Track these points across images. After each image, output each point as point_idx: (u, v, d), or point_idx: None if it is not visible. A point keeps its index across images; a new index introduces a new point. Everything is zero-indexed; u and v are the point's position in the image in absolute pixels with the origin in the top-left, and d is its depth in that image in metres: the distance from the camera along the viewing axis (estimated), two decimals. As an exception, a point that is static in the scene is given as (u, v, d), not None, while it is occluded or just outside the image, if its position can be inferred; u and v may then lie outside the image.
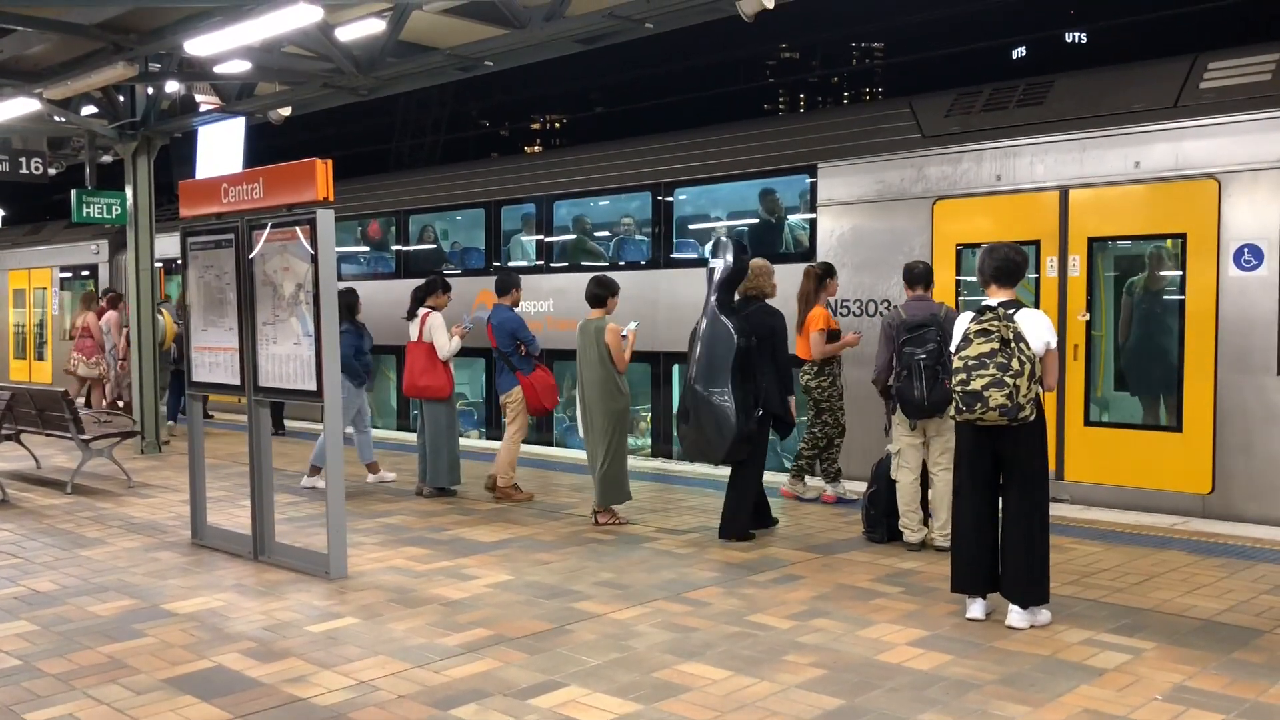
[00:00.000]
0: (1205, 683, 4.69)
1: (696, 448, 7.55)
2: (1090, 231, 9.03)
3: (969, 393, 5.29)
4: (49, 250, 21.98)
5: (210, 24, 9.11)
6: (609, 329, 8.02)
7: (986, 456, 5.56)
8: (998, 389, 5.23)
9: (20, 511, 8.93)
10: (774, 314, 7.62)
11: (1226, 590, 6.16)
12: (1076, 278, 9.08)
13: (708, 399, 7.35)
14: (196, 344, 7.62)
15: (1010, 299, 5.57)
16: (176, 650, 5.26)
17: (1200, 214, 8.44)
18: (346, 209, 16.03)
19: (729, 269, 7.43)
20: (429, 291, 9.46)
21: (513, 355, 9.06)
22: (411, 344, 9.39)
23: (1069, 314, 9.08)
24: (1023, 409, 5.28)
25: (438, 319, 9.30)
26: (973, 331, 5.40)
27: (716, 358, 7.34)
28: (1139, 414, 9.11)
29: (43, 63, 11.30)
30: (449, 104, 49.79)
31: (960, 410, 5.37)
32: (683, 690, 4.65)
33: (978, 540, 5.59)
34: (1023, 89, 10.00)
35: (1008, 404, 5.24)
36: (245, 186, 6.98)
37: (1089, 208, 9.03)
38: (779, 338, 7.52)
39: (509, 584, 6.44)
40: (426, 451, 9.34)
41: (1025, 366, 5.27)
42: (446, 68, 10.62)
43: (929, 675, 4.80)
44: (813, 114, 19.84)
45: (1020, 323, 5.42)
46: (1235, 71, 8.72)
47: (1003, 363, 5.25)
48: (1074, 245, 9.09)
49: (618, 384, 8.05)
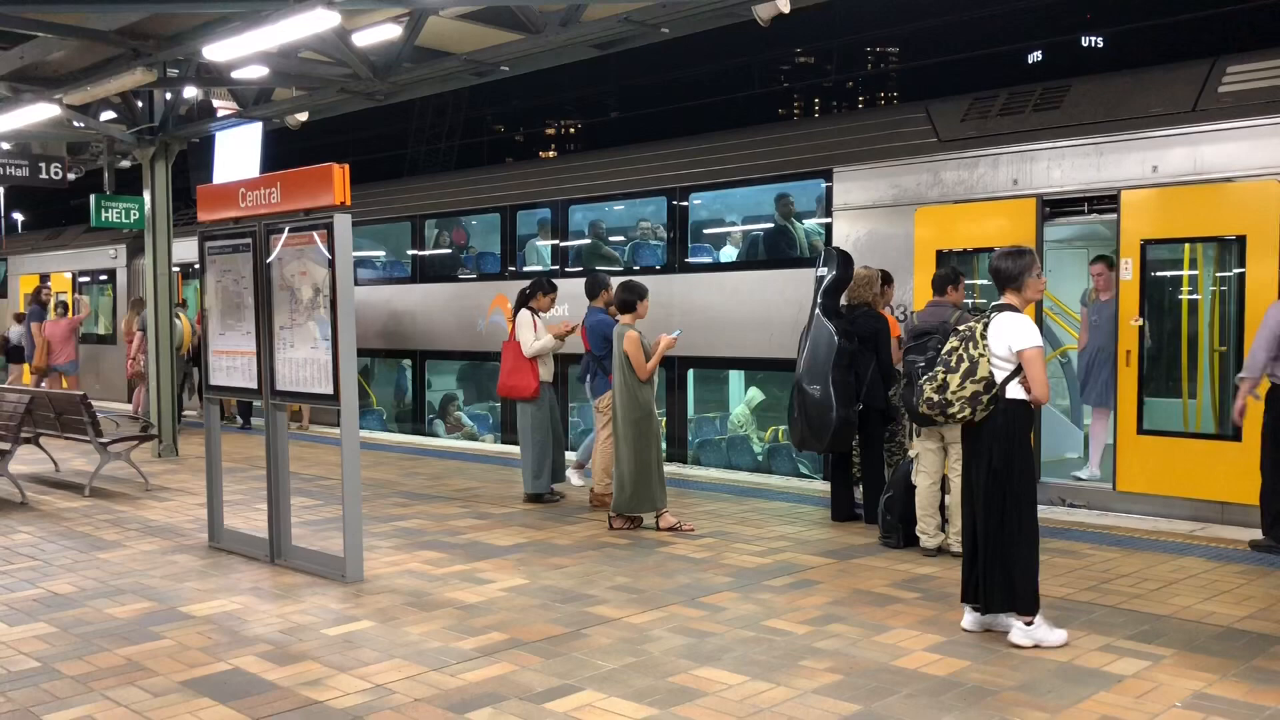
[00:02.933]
0: (1225, 690, 4.66)
1: (801, 438, 8.18)
2: (1144, 234, 8.77)
3: (918, 388, 5.52)
4: (68, 255, 22.14)
5: (228, 29, 9.15)
6: (627, 336, 7.96)
7: (969, 456, 5.55)
8: (929, 382, 5.37)
9: (39, 514, 8.99)
10: (878, 318, 8.16)
11: (1246, 597, 6.12)
12: (1129, 281, 8.82)
13: (811, 394, 7.96)
14: (214, 348, 7.65)
15: (1005, 303, 5.41)
16: (194, 653, 5.29)
17: (1262, 215, 8.17)
18: (362, 214, 16.10)
19: (833, 277, 8.05)
20: (532, 293, 9.32)
21: (606, 358, 8.75)
22: (506, 343, 9.27)
23: (1121, 318, 8.89)
24: (951, 405, 5.26)
25: (525, 317, 9.11)
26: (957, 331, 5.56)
27: (819, 357, 7.96)
28: (1196, 422, 8.79)
29: (62, 68, 11.37)
30: (464, 109, 49.89)
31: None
32: (699, 695, 4.64)
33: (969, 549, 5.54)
34: (1040, 93, 9.97)
35: (934, 397, 5.31)
36: (263, 191, 7.01)
37: (1142, 209, 8.78)
38: (882, 339, 8.07)
39: (524, 588, 6.44)
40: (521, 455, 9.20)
41: (963, 365, 5.28)
42: (462, 73, 10.65)
43: (946, 681, 4.79)
44: (828, 118, 19.80)
45: (994, 324, 5.31)
46: (1253, 75, 8.69)
47: (950, 362, 5.33)
48: (1126, 248, 8.86)
49: (636, 393, 7.97)
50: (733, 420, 13.13)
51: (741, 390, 13.28)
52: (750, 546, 7.49)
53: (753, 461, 12.30)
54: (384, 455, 12.28)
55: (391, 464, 11.59)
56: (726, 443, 12.78)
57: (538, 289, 9.36)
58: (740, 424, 13.09)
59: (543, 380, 9.12)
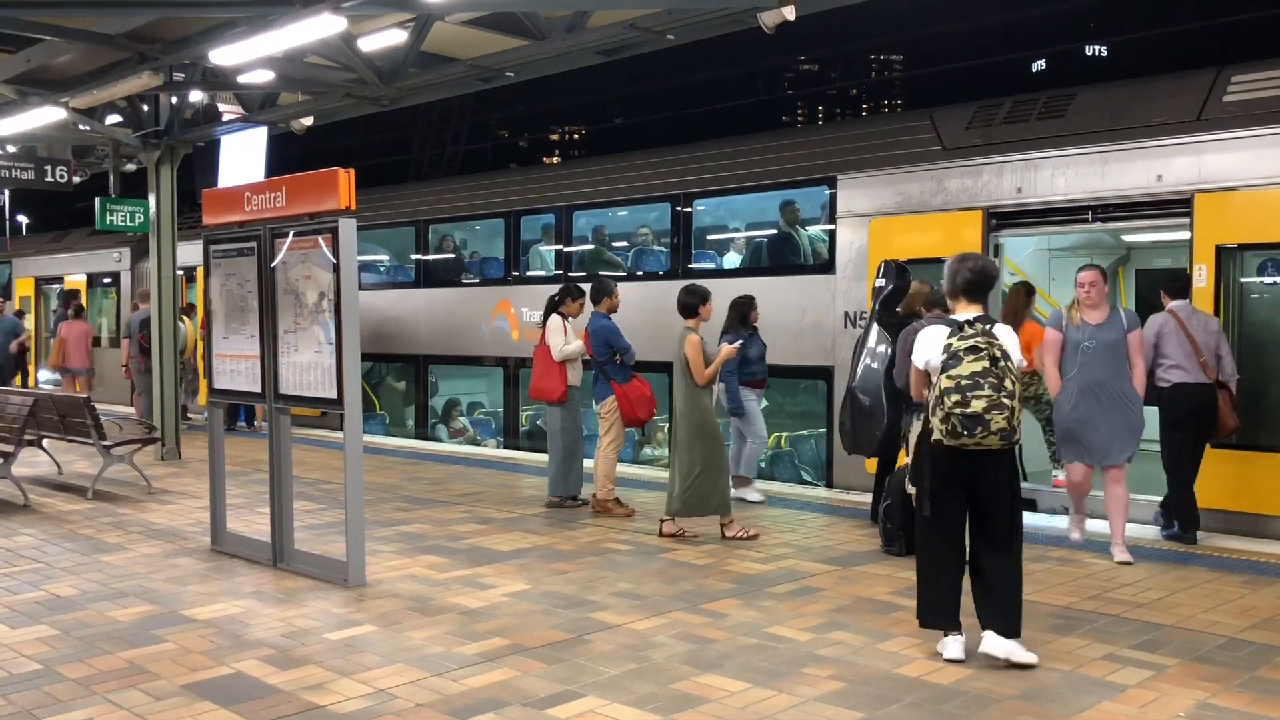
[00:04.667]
0: (1228, 700, 4.64)
1: (853, 440, 8.36)
2: (1219, 239, 8.41)
3: (969, 415, 4.85)
4: (72, 258, 22.19)
5: (234, 34, 9.18)
6: (689, 340, 7.87)
7: (962, 485, 5.12)
8: (998, 411, 4.85)
9: (42, 517, 8.99)
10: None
11: (1250, 607, 6.10)
12: (1202, 288, 8.50)
13: (862, 401, 8.18)
14: (218, 351, 7.66)
15: (983, 314, 5.19)
16: (196, 656, 5.28)
17: None
18: (366, 218, 16.13)
19: (891, 288, 8.28)
20: (562, 298, 9.29)
21: (608, 364, 8.80)
22: (537, 347, 9.28)
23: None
24: (1015, 432, 4.93)
25: (555, 322, 9.12)
26: (961, 349, 4.98)
27: (872, 366, 8.18)
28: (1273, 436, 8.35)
29: (68, 72, 11.41)
30: (469, 114, 50.01)
31: (957, 434, 4.90)
32: (701, 702, 4.63)
33: (958, 571, 5.19)
34: (1044, 101, 9.97)
35: (1008, 428, 4.88)
36: (268, 195, 7.02)
37: (1220, 212, 8.43)
38: None
39: (527, 593, 6.44)
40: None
41: (1016, 387, 4.95)
42: (468, 78, 10.67)
43: (948, 689, 4.78)
44: (833, 125, 19.86)
45: (1000, 339, 5.05)
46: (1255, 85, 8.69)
47: (995, 383, 4.89)
48: (1200, 254, 8.51)
49: (695, 398, 7.89)
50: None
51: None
52: (753, 553, 7.48)
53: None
54: (386, 460, 12.28)
55: (394, 468, 11.60)
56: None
57: (567, 294, 9.32)
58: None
59: (571, 385, 9.12)
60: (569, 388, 9.10)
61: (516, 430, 14.56)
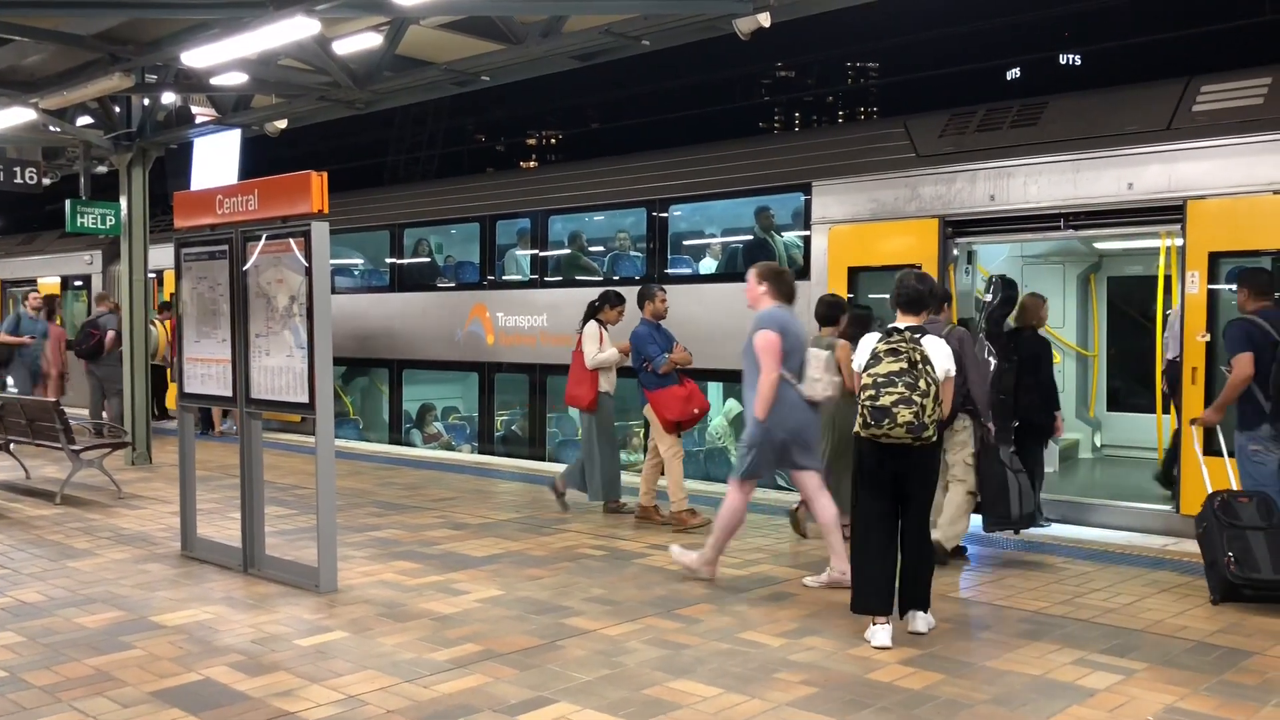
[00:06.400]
0: (1197, 704, 4.68)
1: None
2: (1211, 246, 8.50)
3: (878, 408, 5.45)
4: (43, 260, 21.95)
5: (208, 36, 9.12)
6: (840, 345, 7.67)
7: (888, 477, 5.64)
8: (905, 406, 5.42)
9: (9, 522, 8.88)
10: (1042, 341, 8.55)
11: (1218, 611, 6.16)
12: (1195, 295, 8.59)
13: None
14: (189, 355, 7.60)
15: (917, 325, 5.82)
16: (164, 663, 5.23)
17: None
18: (340, 222, 16.05)
19: (999, 299, 8.24)
20: (601, 305, 9.18)
21: (640, 372, 8.71)
22: (575, 353, 9.20)
23: (1187, 333, 8.64)
24: (927, 428, 5.47)
25: (591, 328, 9.04)
26: (882, 350, 5.58)
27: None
28: None
29: (39, 72, 11.30)
30: (444, 119, 49.88)
31: (867, 425, 5.50)
32: (673, 708, 4.63)
33: (885, 560, 5.64)
34: (1017, 110, 10.05)
35: (914, 421, 5.41)
36: (240, 198, 6.97)
37: (1212, 220, 8.52)
38: (1044, 361, 8.46)
39: (499, 599, 6.41)
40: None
41: (931, 388, 5.49)
42: (443, 82, 10.65)
43: (920, 694, 4.79)
44: (808, 132, 19.93)
45: (926, 348, 5.60)
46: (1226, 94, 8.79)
47: (910, 382, 5.45)
48: (1193, 261, 8.61)
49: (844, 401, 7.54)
50: (711, 432, 13.13)
51: (720, 402, 13.29)
52: (727, 559, 7.47)
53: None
54: (359, 465, 12.22)
55: (367, 473, 11.54)
56: (704, 454, 12.78)
57: (605, 301, 9.20)
58: (718, 436, 13.09)
59: (603, 391, 9.02)
60: (600, 394, 9.00)
61: (491, 435, 14.52)
